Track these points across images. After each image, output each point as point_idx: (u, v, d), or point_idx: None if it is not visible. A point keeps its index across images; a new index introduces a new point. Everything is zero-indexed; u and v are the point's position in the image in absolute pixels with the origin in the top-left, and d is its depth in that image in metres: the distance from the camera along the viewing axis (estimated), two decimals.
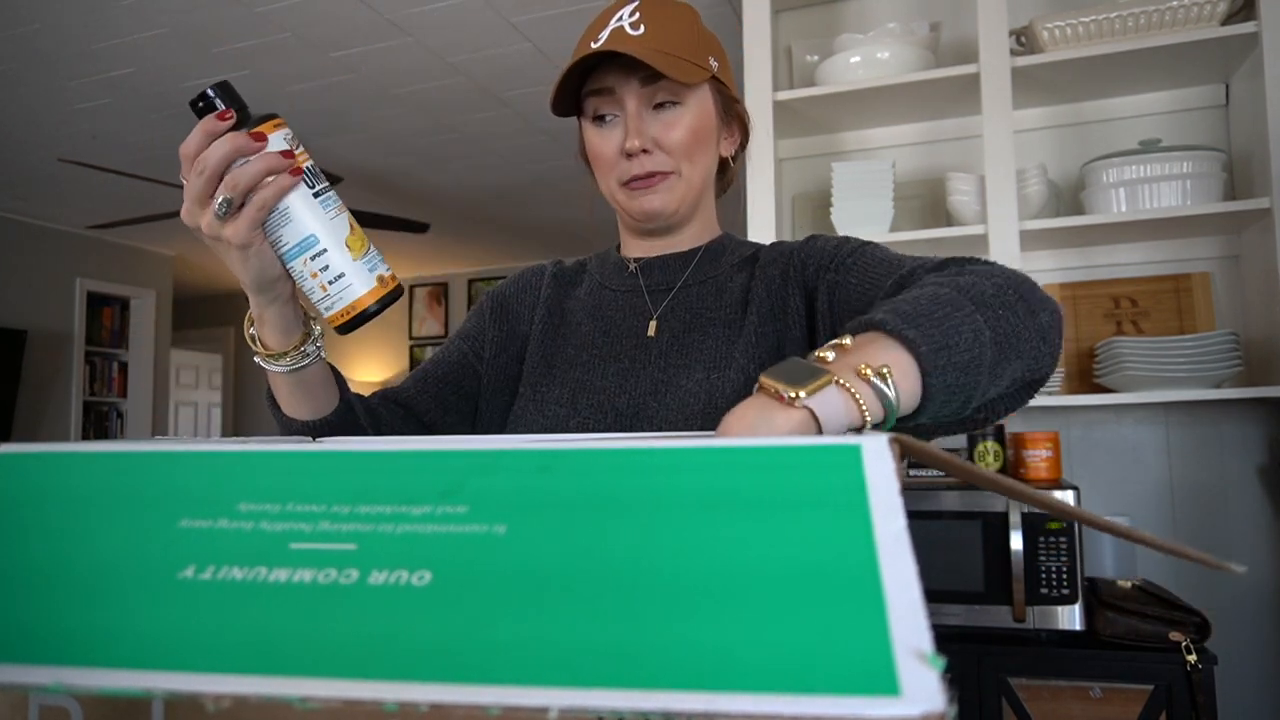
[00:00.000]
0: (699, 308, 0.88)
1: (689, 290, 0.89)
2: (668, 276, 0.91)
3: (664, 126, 0.84)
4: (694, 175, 0.87)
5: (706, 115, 0.86)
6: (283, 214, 0.65)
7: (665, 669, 0.21)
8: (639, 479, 0.29)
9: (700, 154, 0.86)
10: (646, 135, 0.83)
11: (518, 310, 0.96)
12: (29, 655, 0.24)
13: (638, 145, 0.83)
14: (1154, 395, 1.81)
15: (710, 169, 0.89)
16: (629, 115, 0.83)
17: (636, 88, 0.82)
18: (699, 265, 0.91)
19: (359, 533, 0.28)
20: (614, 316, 0.91)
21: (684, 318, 0.87)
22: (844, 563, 0.24)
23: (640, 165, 0.84)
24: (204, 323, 7.86)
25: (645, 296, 0.91)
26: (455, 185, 4.87)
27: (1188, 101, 2.02)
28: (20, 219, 5.41)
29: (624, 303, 0.91)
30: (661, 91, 0.83)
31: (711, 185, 0.93)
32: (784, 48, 2.28)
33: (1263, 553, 1.91)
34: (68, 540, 0.30)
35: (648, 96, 0.83)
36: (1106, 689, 1.55)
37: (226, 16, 2.89)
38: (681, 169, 0.85)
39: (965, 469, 0.35)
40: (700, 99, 0.85)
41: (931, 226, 2.12)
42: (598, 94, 0.84)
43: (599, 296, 0.93)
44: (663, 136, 0.84)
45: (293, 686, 0.22)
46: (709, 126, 0.86)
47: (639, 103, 0.83)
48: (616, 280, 0.94)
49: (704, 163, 0.87)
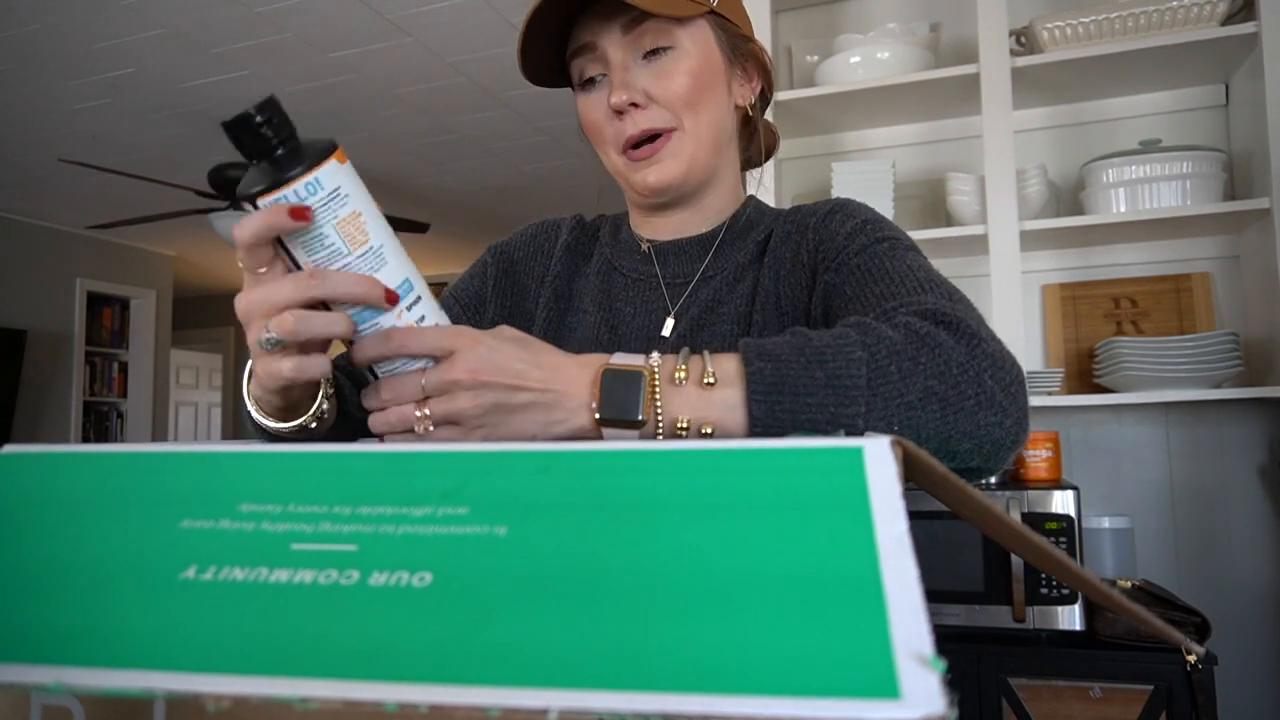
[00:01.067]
0: (711, 302, 0.78)
1: (707, 283, 0.79)
2: (685, 267, 0.81)
3: (655, 76, 0.72)
4: (701, 129, 0.74)
5: (708, 57, 0.74)
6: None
7: (665, 671, 0.21)
8: (639, 480, 0.29)
9: (706, 102, 0.74)
10: (635, 88, 0.72)
11: (524, 282, 0.86)
12: (31, 655, 0.24)
13: (625, 99, 0.71)
14: (1154, 395, 1.81)
15: (722, 121, 0.77)
16: (613, 67, 0.72)
17: (618, 36, 0.72)
18: (719, 252, 0.80)
19: (360, 534, 0.28)
20: (622, 310, 0.81)
21: (695, 315, 0.78)
22: (845, 565, 0.24)
23: (634, 123, 0.73)
24: (204, 323, 7.86)
25: (662, 290, 0.81)
26: (455, 185, 4.87)
27: (1188, 101, 2.02)
28: (20, 219, 5.41)
29: (635, 294, 0.81)
30: (649, 35, 0.72)
31: (729, 144, 0.80)
32: (784, 48, 2.28)
33: (1263, 553, 1.91)
34: (70, 540, 0.30)
35: (633, 44, 0.72)
36: (1106, 689, 1.55)
37: (226, 17, 2.89)
38: (684, 122, 0.74)
39: (960, 491, 0.34)
40: (698, 38, 0.74)
41: (931, 226, 2.12)
42: (580, 54, 0.74)
43: (608, 280, 0.83)
44: (655, 87, 0.72)
45: (293, 687, 0.22)
46: (712, 69, 0.74)
47: (625, 53, 0.72)
48: (628, 263, 0.83)
49: (712, 113, 0.75)
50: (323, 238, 0.52)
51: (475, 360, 0.53)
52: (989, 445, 0.56)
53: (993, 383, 0.56)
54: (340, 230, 0.52)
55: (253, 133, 0.50)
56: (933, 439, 0.55)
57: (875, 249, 0.70)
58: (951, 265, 2.16)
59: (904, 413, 0.54)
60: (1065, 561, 0.34)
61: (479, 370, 0.53)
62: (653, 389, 0.55)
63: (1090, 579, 0.35)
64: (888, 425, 0.54)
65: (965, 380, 0.55)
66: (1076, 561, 0.34)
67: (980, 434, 0.56)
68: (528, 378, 0.54)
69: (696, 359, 0.57)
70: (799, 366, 0.54)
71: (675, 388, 0.55)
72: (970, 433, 0.55)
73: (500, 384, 0.53)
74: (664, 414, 0.55)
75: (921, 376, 0.55)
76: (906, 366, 0.55)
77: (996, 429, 0.56)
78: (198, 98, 3.57)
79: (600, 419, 0.55)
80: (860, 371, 0.54)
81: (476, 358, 0.53)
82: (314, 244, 0.52)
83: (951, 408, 0.55)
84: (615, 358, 0.56)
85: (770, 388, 0.54)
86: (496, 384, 0.53)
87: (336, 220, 0.52)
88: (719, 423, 0.55)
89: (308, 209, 0.50)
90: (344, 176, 0.52)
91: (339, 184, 0.51)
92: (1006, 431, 0.57)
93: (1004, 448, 0.57)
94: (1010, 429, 0.57)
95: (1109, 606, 0.35)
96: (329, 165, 0.51)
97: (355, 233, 0.52)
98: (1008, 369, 0.58)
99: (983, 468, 0.59)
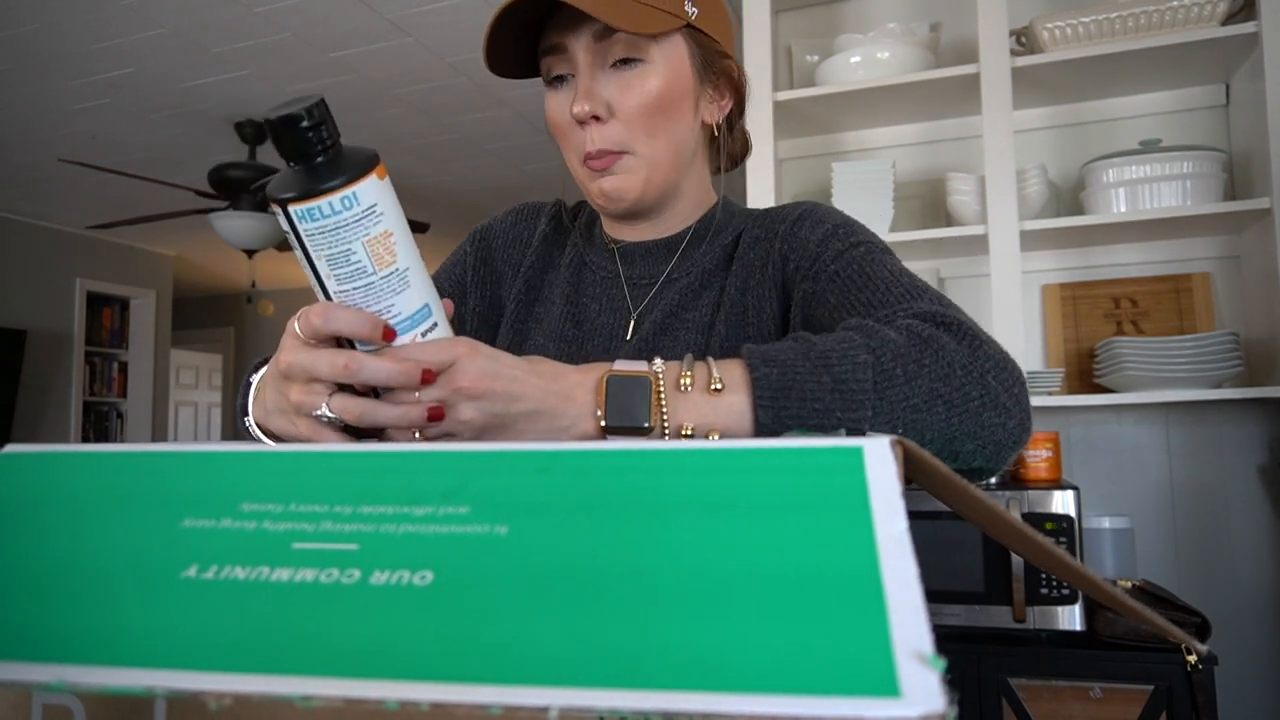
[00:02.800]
0: (675, 306, 0.77)
1: (672, 285, 0.79)
2: (650, 269, 0.80)
3: (621, 88, 0.71)
4: (656, 152, 0.73)
5: (677, 74, 0.72)
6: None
7: (666, 669, 0.21)
8: (640, 480, 0.29)
9: (664, 124, 0.73)
10: (598, 98, 0.71)
11: (501, 269, 0.86)
12: (32, 653, 0.24)
13: (586, 110, 0.70)
14: (1154, 395, 1.81)
15: (682, 142, 0.75)
16: (580, 73, 0.71)
17: (589, 42, 0.70)
18: (684, 255, 0.80)
19: (361, 533, 0.28)
20: (588, 306, 0.81)
21: (658, 319, 0.77)
22: (845, 564, 0.24)
23: (591, 140, 0.72)
24: (204, 323, 7.85)
25: (624, 289, 0.80)
26: (455, 185, 4.87)
27: (1188, 101, 2.02)
28: (20, 219, 5.41)
29: (600, 291, 0.81)
30: (620, 45, 0.70)
31: (692, 160, 0.79)
32: (784, 48, 2.28)
33: (1263, 553, 1.91)
34: (71, 539, 0.30)
35: (603, 51, 0.71)
36: (1106, 689, 1.55)
37: (226, 16, 2.89)
38: (637, 147, 0.73)
39: (962, 491, 0.34)
40: (670, 53, 0.72)
41: (931, 226, 2.12)
42: (550, 53, 0.73)
43: (578, 274, 0.83)
44: (618, 100, 0.71)
45: (295, 685, 0.22)
46: (679, 89, 0.73)
47: (593, 59, 0.71)
48: (596, 259, 0.83)
49: (670, 135, 0.74)
50: (349, 254, 0.51)
51: (476, 369, 0.53)
52: (992, 445, 0.57)
53: (996, 383, 0.57)
54: (369, 248, 0.51)
55: (297, 136, 0.48)
56: (937, 440, 0.55)
57: (851, 254, 0.70)
58: (951, 265, 2.16)
59: (909, 415, 0.54)
60: (1068, 561, 0.34)
61: (480, 379, 0.52)
62: (658, 395, 0.55)
63: (1093, 577, 0.35)
64: (893, 428, 0.54)
65: (969, 381, 0.56)
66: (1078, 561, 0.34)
67: (984, 434, 0.56)
68: (529, 385, 0.54)
69: (701, 365, 0.57)
70: (804, 371, 0.54)
71: (681, 394, 0.55)
72: (974, 433, 0.56)
73: (502, 392, 0.53)
74: (670, 420, 0.55)
75: (926, 379, 0.55)
76: (911, 369, 0.55)
77: (1000, 429, 0.57)
78: (198, 98, 3.57)
79: (606, 426, 0.54)
80: (866, 375, 0.54)
81: (477, 367, 0.53)
82: (340, 259, 0.51)
83: (956, 409, 0.55)
84: (618, 364, 0.56)
85: (777, 393, 0.54)
86: (498, 392, 0.53)
87: (367, 238, 0.50)
88: (726, 428, 0.55)
89: (393, 332, 0.52)
90: (382, 193, 0.51)
91: (375, 201, 0.50)
92: (1010, 431, 0.57)
93: (1007, 447, 0.58)
94: (1013, 429, 0.57)
95: (1112, 605, 0.35)
96: (368, 181, 0.50)
97: (383, 253, 0.51)
98: (1009, 370, 0.58)
99: (985, 468, 0.59)
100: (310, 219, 0.50)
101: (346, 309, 0.52)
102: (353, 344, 0.54)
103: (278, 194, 0.49)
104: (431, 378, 0.52)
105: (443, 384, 0.52)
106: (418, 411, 0.52)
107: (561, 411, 0.55)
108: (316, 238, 0.50)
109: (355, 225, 0.50)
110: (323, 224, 0.50)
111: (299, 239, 0.51)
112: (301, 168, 0.49)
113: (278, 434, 0.58)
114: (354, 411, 0.52)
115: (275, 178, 0.51)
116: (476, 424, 0.53)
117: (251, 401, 0.63)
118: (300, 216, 0.50)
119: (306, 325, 0.52)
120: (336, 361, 0.51)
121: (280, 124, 0.48)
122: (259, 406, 0.60)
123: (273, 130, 0.48)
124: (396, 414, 0.52)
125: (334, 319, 0.52)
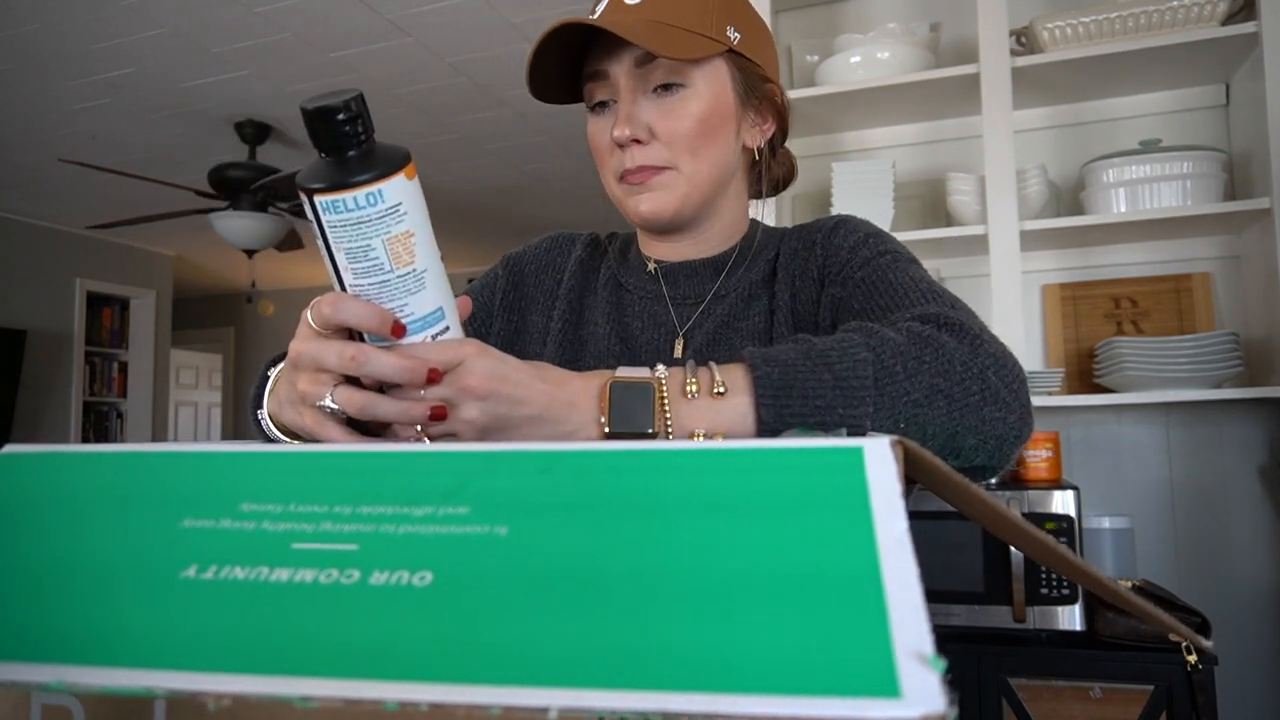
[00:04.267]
0: (727, 318, 0.78)
1: (720, 301, 0.79)
2: (696, 288, 0.81)
3: (662, 113, 0.73)
4: (699, 172, 0.74)
5: (718, 99, 0.74)
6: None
7: (666, 670, 0.21)
8: (640, 480, 0.29)
9: (708, 146, 0.74)
10: (639, 122, 0.72)
11: (533, 294, 0.86)
12: (31, 654, 0.24)
13: (627, 134, 0.72)
14: (1154, 395, 1.81)
15: (724, 163, 0.77)
16: (622, 98, 0.73)
17: (630, 68, 0.72)
18: (731, 273, 0.80)
19: (361, 533, 0.28)
20: (634, 326, 0.81)
21: (710, 331, 0.77)
22: (845, 564, 0.24)
23: (632, 159, 0.73)
24: (204, 323, 7.85)
25: (669, 308, 0.81)
26: (455, 185, 4.87)
27: (1188, 101, 2.02)
28: (20, 219, 5.41)
29: (644, 310, 0.82)
30: (661, 70, 0.72)
31: (732, 181, 0.80)
32: (784, 48, 2.28)
33: (1263, 553, 1.91)
34: (70, 539, 0.30)
35: (645, 77, 0.72)
36: (1106, 689, 1.55)
37: (226, 16, 2.89)
38: (681, 164, 0.74)
39: (964, 489, 0.34)
40: (711, 78, 0.73)
41: (931, 226, 2.12)
42: (593, 79, 0.74)
43: (617, 296, 0.84)
44: (660, 125, 0.72)
45: (294, 686, 0.22)
46: (721, 113, 0.74)
47: (634, 85, 0.72)
48: (635, 280, 0.84)
49: (713, 156, 0.75)
50: (368, 250, 0.51)
51: (483, 369, 0.53)
52: (994, 441, 0.57)
53: (996, 379, 0.57)
54: (388, 246, 0.51)
55: (331, 128, 0.49)
56: (939, 436, 0.56)
57: (878, 262, 0.72)
58: (951, 265, 2.16)
59: (911, 410, 0.54)
60: (1070, 558, 0.34)
61: (487, 379, 0.52)
62: (661, 401, 0.55)
63: (1096, 574, 0.35)
64: (895, 424, 0.54)
65: (969, 377, 0.56)
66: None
67: (985, 429, 0.56)
68: (534, 390, 0.54)
69: (704, 370, 0.57)
70: (805, 369, 0.55)
71: (686, 400, 0.55)
72: (976, 428, 0.56)
73: (507, 394, 0.53)
74: (675, 425, 0.55)
75: (927, 375, 0.55)
76: (911, 365, 0.55)
77: (1001, 424, 0.57)
78: (198, 98, 3.57)
79: (610, 432, 0.54)
80: (867, 372, 0.54)
81: (484, 367, 0.53)
82: (359, 254, 0.51)
83: (957, 404, 0.55)
84: (620, 371, 0.57)
85: (778, 391, 0.54)
86: (503, 394, 0.53)
87: (388, 236, 0.51)
88: (729, 431, 0.55)
89: (403, 328, 0.52)
90: (408, 193, 0.51)
91: (401, 200, 0.51)
92: (1010, 427, 0.57)
93: (1008, 443, 0.58)
94: (1014, 424, 0.58)
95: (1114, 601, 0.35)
96: (396, 180, 0.50)
97: (403, 252, 0.52)
98: (1010, 367, 0.59)
99: (988, 465, 0.59)
100: (334, 211, 0.50)
101: (358, 300, 0.52)
102: (365, 340, 0.54)
103: (305, 183, 0.50)
104: (438, 378, 0.52)
105: (449, 382, 0.52)
106: (420, 408, 0.52)
107: (565, 418, 0.55)
108: (338, 230, 0.51)
109: (377, 222, 0.51)
110: (345, 217, 0.50)
111: (321, 229, 0.52)
112: (333, 159, 0.50)
113: (288, 426, 0.58)
114: (357, 403, 0.52)
115: (306, 166, 0.52)
116: (480, 424, 0.53)
117: (267, 394, 0.63)
118: (325, 207, 0.50)
119: (318, 314, 0.52)
120: (345, 352, 0.52)
121: (316, 115, 0.49)
122: (274, 400, 0.60)
123: (308, 120, 0.49)
124: (399, 409, 0.52)
125: (344, 309, 0.52)
